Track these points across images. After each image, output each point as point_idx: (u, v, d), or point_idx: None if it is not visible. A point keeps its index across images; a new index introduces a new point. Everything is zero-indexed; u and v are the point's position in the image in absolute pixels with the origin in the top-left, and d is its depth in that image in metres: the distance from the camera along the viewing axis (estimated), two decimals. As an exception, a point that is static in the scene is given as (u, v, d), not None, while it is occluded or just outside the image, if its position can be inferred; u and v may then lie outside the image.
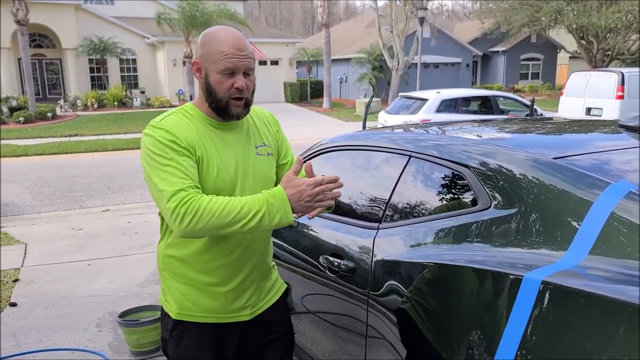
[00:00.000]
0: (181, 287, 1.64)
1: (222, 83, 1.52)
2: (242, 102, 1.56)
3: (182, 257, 1.62)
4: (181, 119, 1.57)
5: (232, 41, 1.51)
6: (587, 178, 1.45)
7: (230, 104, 1.55)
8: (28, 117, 17.37)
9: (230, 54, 1.50)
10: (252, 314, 1.70)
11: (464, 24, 34.61)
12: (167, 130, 1.50)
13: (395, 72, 22.83)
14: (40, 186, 8.50)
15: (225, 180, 1.56)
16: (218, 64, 1.51)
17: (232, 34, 1.53)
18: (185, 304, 1.64)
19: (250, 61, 1.54)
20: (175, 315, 1.65)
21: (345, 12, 71.47)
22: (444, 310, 1.52)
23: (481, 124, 2.48)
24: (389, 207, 1.98)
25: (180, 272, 1.64)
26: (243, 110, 1.58)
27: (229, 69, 1.51)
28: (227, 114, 1.56)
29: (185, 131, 1.53)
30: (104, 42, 23.60)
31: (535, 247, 1.42)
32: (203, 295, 1.63)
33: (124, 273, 4.56)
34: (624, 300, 1.09)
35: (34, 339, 3.38)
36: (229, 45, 1.50)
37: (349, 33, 33.49)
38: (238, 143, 1.63)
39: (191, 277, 1.63)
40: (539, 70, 32.39)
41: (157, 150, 1.48)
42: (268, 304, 1.76)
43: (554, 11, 21.62)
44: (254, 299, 1.70)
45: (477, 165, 1.71)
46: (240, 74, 1.53)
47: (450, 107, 10.28)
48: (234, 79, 1.52)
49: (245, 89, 1.54)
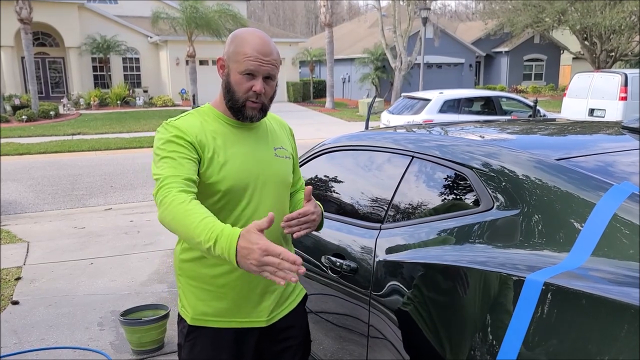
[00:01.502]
0: (197, 291, 1.63)
1: (242, 84, 1.53)
2: (259, 105, 1.56)
3: (198, 257, 1.60)
4: (195, 119, 1.58)
5: (258, 45, 1.51)
6: (590, 179, 1.45)
7: (247, 106, 1.56)
8: (31, 115, 17.41)
9: (253, 56, 1.50)
10: (270, 320, 1.67)
11: (467, 24, 34.57)
12: (177, 128, 1.52)
13: (398, 72, 22.82)
14: (42, 184, 8.52)
15: (241, 177, 1.55)
16: (240, 64, 1.52)
17: (260, 38, 1.53)
18: (201, 309, 1.62)
19: (272, 67, 1.54)
20: (190, 321, 1.64)
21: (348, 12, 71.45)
22: (446, 311, 1.52)
23: (484, 124, 2.47)
24: (391, 207, 1.98)
25: (196, 275, 1.62)
26: (259, 114, 1.58)
27: (249, 70, 1.51)
28: (242, 114, 1.57)
29: (196, 130, 1.53)
30: (107, 41, 23.65)
31: (537, 249, 1.42)
32: (219, 299, 1.61)
33: (126, 272, 4.56)
34: (627, 302, 1.09)
35: (36, 338, 3.39)
36: (253, 49, 1.51)
37: (352, 33, 33.48)
38: (256, 142, 1.63)
39: (207, 280, 1.61)
40: (542, 71, 32.33)
41: (162, 145, 1.50)
42: (287, 310, 1.73)
43: (558, 12, 21.57)
44: (273, 304, 1.67)
45: (479, 166, 1.71)
46: (260, 78, 1.53)
47: (453, 107, 10.27)
48: (253, 82, 1.53)
49: (263, 94, 1.54)
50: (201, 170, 1.52)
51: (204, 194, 1.54)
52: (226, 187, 1.54)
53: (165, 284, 4.25)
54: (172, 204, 1.36)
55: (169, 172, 1.42)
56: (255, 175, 1.59)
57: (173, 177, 1.42)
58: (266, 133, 1.68)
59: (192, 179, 1.45)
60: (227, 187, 1.54)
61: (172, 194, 1.38)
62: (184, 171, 1.44)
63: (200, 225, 1.30)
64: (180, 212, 1.34)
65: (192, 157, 1.48)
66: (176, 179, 1.41)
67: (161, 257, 4.92)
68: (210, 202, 1.54)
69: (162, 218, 1.39)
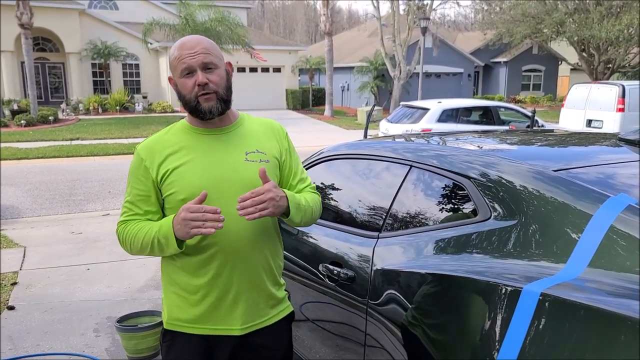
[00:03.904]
0: (173, 296, 1.66)
1: (186, 85, 1.56)
2: (211, 96, 1.55)
3: (173, 262, 1.65)
4: (162, 136, 1.67)
5: (182, 44, 1.55)
6: (587, 191, 1.46)
7: (200, 101, 1.56)
8: (30, 120, 17.39)
9: (181, 55, 1.54)
10: (244, 330, 1.64)
11: (465, 34, 34.73)
12: (138, 154, 1.65)
13: (397, 81, 22.90)
14: (40, 189, 8.50)
15: (201, 185, 1.55)
16: (176, 69, 1.56)
17: (184, 39, 1.58)
18: (175, 314, 1.65)
19: (204, 56, 1.53)
20: (165, 325, 1.69)
21: (348, 21, 71.81)
22: (443, 320, 1.52)
23: (482, 134, 2.49)
24: (389, 216, 1.99)
25: (172, 281, 1.66)
26: (216, 104, 1.56)
27: (185, 69, 1.54)
28: (201, 112, 1.57)
29: (156, 150, 1.62)
30: (107, 47, 23.69)
31: (534, 259, 1.42)
32: (192, 306, 1.62)
33: (123, 278, 4.55)
34: (624, 314, 1.09)
35: (31, 343, 3.37)
36: (179, 49, 1.55)
37: (351, 41, 33.62)
38: (224, 147, 1.62)
39: (182, 286, 1.63)
40: (541, 81, 32.46)
41: (129, 175, 1.67)
42: (264, 323, 1.69)
43: (556, 23, 21.71)
44: (246, 313, 1.64)
45: (477, 176, 1.72)
46: (198, 70, 1.53)
47: (452, 117, 10.30)
48: (194, 78, 1.54)
49: (209, 83, 1.54)
50: (160, 186, 1.61)
51: (170, 206, 1.60)
52: (185, 196, 1.54)
53: (161, 291, 4.24)
54: (125, 236, 1.63)
55: (124, 217, 1.66)
56: (218, 181, 1.57)
57: (125, 219, 1.65)
58: (239, 137, 1.65)
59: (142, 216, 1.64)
60: (187, 195, 1.54)
61: (122, 230, 1.65)
62: (136, 209, 1.64)
63: (144, 238, 1.57)
64: (129, 237, 1.61)
65: (146, 190, 1.62)
66: (127, 220, 1.65)
67: (158, 263, 4.87)
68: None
69: (124, 247, 1.67)
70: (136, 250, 1.63)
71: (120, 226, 1.65)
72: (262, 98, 25.37)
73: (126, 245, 1.64)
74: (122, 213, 1.66)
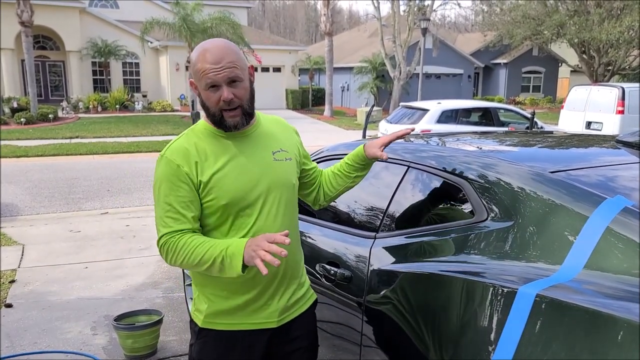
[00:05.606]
0: (210, 297, 1.64)
1: (210, 98, 1.53)
2: (236, 111, 1.55)
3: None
4: (189, 142, 1.58)
5: (208, 57, 1.50)
6: (584, 193, 1.46)
7: (224, 116, 1.55)
8: (29, 118, 17.38)
9: (206, 69, 1.49)
10: (280, 321, 1.67)
11: (466, 35, 34.75)
12: (171, 161, 1.55)
13: (397, 82, 22.90)
14: (39, 187, 8.50)
15: (241, 188, 1.55)
16: (201, 81, 1.53)
17: (206, 50, 1.51)
18: (213, 313, 1.64)
19: (230, 71, 1.50)
20: (202, 324, 1.65)
21: (348, 21, 71.83)
22: (439, 321, 1.52)
23: (480, 136, 2.49)
24: (386, 216, 1.99)
25: (208, 282, 1.64)
26: (241, 120, 1.57)
27: (210, 83, 1.51)
28: (224, 126, 1.56)
29: (190, 156, 1.55)
30: (107, 46, 23.69)
31: (531, 260, 1.43)
32: (231, 302, 1.62)
33: (121, 276, 4.55)
34: (619, 316, 1.09)
35: (29, 341, 3.37)
36: (204, 62, 1.50)
37: (351, 42, 33.63)
38: (253, 149, 1.62)
39: (219, 286, 1.62)
40: (540, 83, 32.48)
41: (160, 184, 1.56)
42: (297, 312, 1.72)
43: (556, 25, 21.72)
44: (283, 306, 1.67)
45: (474, 177, 1.72)
46: (223, 86, 1.51)
47: (451, 118, 10.31)
48: (219, 92, 1.52)
49: (233, 99, 1.52)
50: (200, 192, 1.55)
51: (209, 212, 1.56)
52: (227, 201, 1.54)
53: (159, 290, 4.24)
54: (181, 249, 1.51)
55: (170, 228, 1.53)
56: (255, 184, 1.58)
57: (174, 231, 1.53)
58: (262, 138, 1.66)
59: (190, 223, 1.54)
60: (228, 200, 1.54)
61: (175, 243, 1.52)
62: (184, 218, 1.53)
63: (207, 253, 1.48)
64: (189, 251, 1.49)
65: (190, 195, 1.53)
66: (175, 232, 1.53)
67: (156, 262, 4.90)
68: (215, 219, 1.56)
69: (174, 261, 1.54)
70: (188, 264, 1.52)
71: (169, 237, 1.53)
72: (262, 98, 25.31)
73: (177, 257, 1.52)
74: (164, 225, 1.54)
